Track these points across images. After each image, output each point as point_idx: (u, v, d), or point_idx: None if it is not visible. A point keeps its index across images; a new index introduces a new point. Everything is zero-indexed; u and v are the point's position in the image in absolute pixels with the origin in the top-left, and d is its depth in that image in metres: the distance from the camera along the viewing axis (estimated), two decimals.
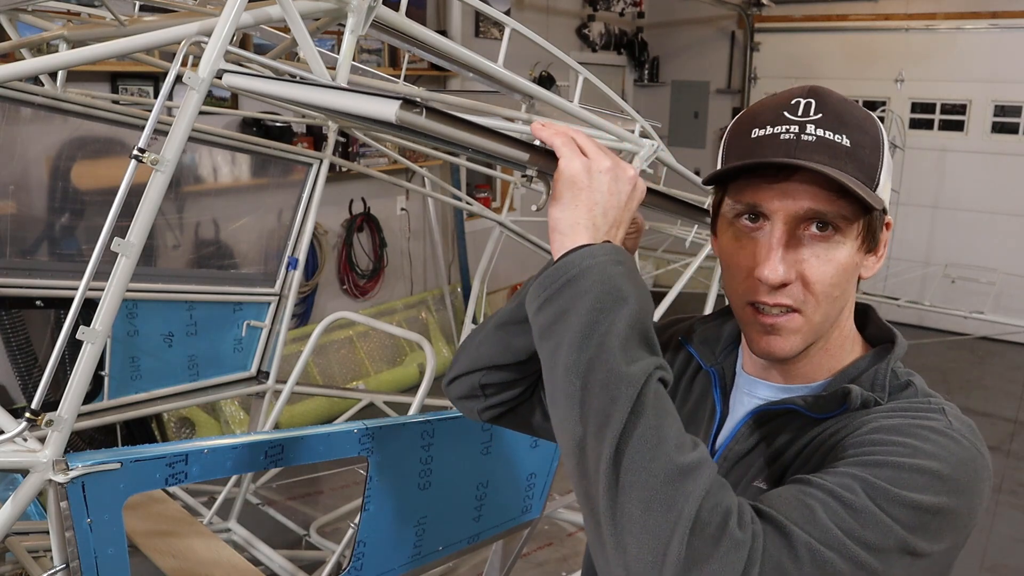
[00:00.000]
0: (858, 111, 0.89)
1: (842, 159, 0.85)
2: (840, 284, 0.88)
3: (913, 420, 0.85)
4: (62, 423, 1.12)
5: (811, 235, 0.87)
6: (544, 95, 2.00)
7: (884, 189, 0.89)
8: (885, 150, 0.89)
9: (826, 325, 0.91)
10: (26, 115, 2.74)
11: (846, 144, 0.85)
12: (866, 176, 0.86)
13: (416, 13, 5.74)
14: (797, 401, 0.91)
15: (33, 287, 2.57)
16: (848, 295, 0.91)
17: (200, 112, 1.19)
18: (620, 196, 0.87)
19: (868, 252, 0.90)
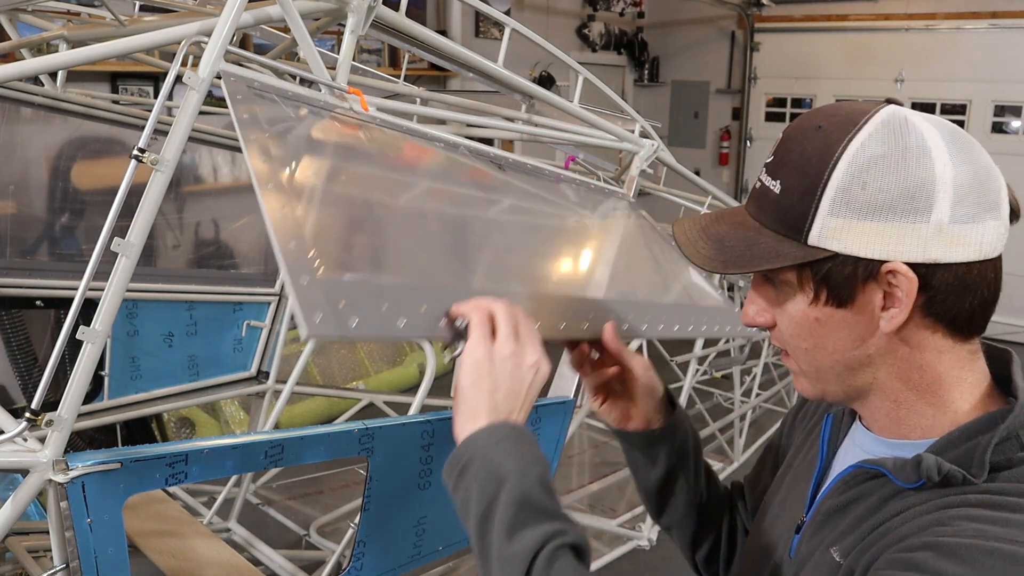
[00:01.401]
0: (812, 142, 0.79)
1: (767, 208, 0.82)
2: (805, 337, 0.83)
3: (984, 541, 0.70)
4: (62, 423, 1.12)
5: (768, 288, 0.86)
6: (544, 95, 2.00)
7: (839, 233, 0.77)
8: (830, 186, 0.76)
9: (835, 379, 0.85)
10: (26, 115, 2.74)
11: (775, 192, 0.81)
12: (785, 224, 0.80)
13: (416, 13, 5.74)
14: (887, 464, 0.82)
15: (33, 287, 2.57)
16: (847, 351, 0.82)
17: (200, 112, 1.18)
18: (522, 382, 0.88)
19: (837, 304, 0.80)
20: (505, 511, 0.80)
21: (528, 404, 0.90)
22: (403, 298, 0.98)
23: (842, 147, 0.77)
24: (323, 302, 0.89)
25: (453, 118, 1.89)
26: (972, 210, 0.76)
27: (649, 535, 3.36)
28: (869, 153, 0.76)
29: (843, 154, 0.76)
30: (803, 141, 0.80)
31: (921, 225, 0.75)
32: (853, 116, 0.79)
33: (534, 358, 0.89)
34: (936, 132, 0.78)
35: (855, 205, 0.76)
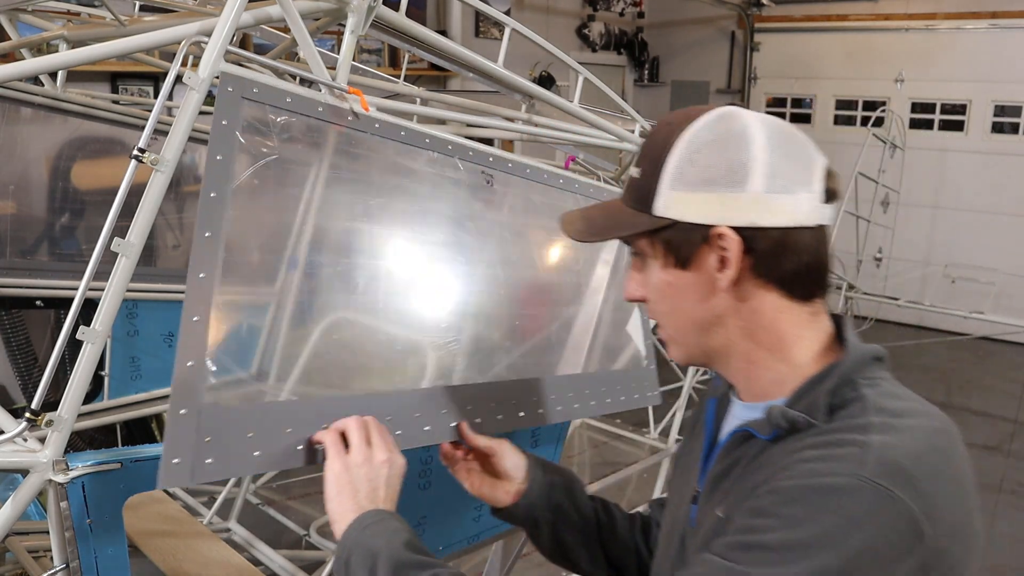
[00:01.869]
0: (659, 135, 0.95)
1: (629, 190, 0.97)
2: (663, 300, 0.97)
3: (812, 480, 0.81)
4: (62, 423, 1.12)
5: (637, 261, 1.00)
6: (544, 95, 2.00)
7: (679, 203, 0.91)
8: (668, 166, 0.92)
9: (690, 340, 0.98)
10: (26, 115, 2.74)
11: (636, 175, 0.97)
12: (639, 200, 0.95)
13: (416, 13, 5.74)
14: (752, 424, 0.93)
15: (33, 287, 2.57)
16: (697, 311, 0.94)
17: (200, 112, 1.18)
18: (377, 479, 1.07)
19: (684, 267, 0.93)
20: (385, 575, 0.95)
21: (391, 493, 1.08)
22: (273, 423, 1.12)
23: (679, 133, 0.92)
24: (189, 443, 1.03)
25: (453, 118, 1.89)
26: (785, 183, 0.89)
27: None
28: (700, 138, 0.91)
29: (680, 139, 0.92)
30: (655, 135, 0.96)
31: (741, 194, 0.89)
32: (693, 113, 0.95)
33: (384, 456, 1.08)
34: (760, 124, 0.93)
35: (687, 179, 0.91)
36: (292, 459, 1.13)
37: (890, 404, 0.88)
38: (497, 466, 1.26)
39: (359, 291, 1.48)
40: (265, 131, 1.27)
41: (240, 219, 1.23)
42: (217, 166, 1.17)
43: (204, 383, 1.08)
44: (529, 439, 1.78)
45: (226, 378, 1.14)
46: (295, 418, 1.15)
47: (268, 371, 1.25)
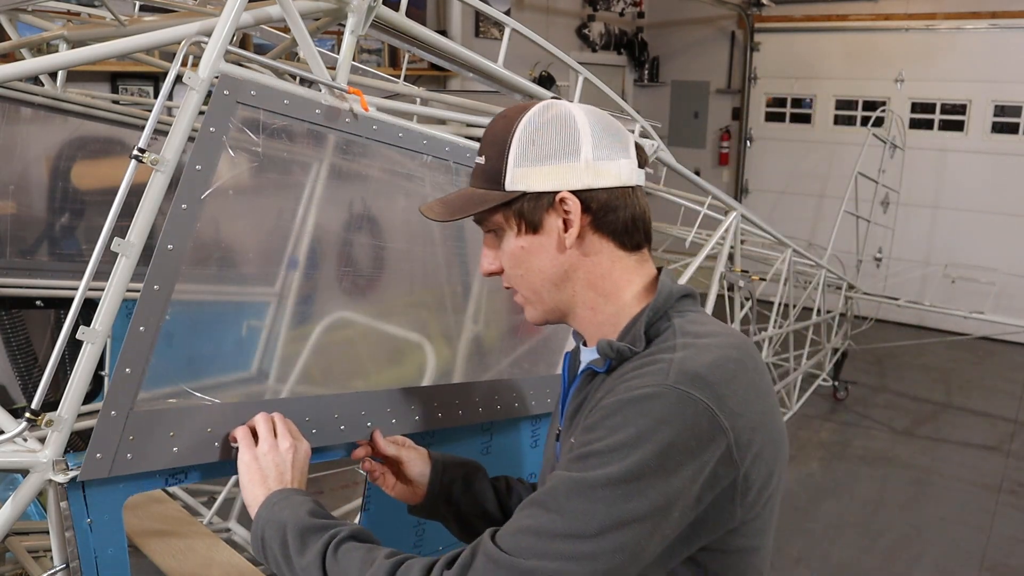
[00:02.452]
0: (497, 125, 1.11)
1: (478, 176, 1.12)
2: (517, 265, 1.12)
3: (627, 393, 0.98)
4: (62, 423, 1.12)
5: (490, 238, 1.14)
6: (544, 95, 2.00)
7: (525, 178, 1.07)
8: (511, 148, 1.08)
9: (546, 296, 1.13)
10: (26, 115, 2.74)
11: (481, 162, 1.11)
12: (490, 181, 1.10)
13: (416, 13, 5.74)
14: (593, 362, 1.11)
15: (33, 287, 2.57)
16: (547, 268, 1.10)
17: (200, 112, 1.18)
18: (284, 464, 1.19)
19: (535, 232, 1.09)
20: (294, 542, 1.07)
21: (298, 475, 1.21)
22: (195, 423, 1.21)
23: (516, 122, 1.09)
24: (113, 440, 1.12)
25: (453, 118, 1.90)
26: (608, 152, 1.08)
27: None
28: (535, 123, 1.08)
29: (518, 125, 1.08)
30: (494, 127, 1.11)
31: (575, 163, 1.07)
32: (523, 106, 1.11)
33: (288, 443, 1.21)
34: (580, 109, 1.11)
35: (530, 156, 1.08)
36: (208, 454, 1.23)
37: (693, 328, 1.06)
38: (406, 473, 1.40)
39: (321, 300, 1.56)
40: (255, 138, 1.28)
41: (207, 230, 1.26)
42: (195, 176, 1.19)
43: (137, 390, 1.16)
44: (530, 439, 1.78)
45: (161, 389, 1.21)
46: (215, 419, 1.24)
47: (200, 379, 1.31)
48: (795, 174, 8.02)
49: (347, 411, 1.40)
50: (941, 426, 5.43)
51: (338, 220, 1.52)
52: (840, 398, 5.77)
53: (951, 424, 5.45)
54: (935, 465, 4.80)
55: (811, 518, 4.15)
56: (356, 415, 1.41)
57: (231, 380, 1.45)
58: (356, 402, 1.43)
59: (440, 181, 1.58)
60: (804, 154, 7.95)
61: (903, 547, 3.91)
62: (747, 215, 3.28)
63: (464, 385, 1.67)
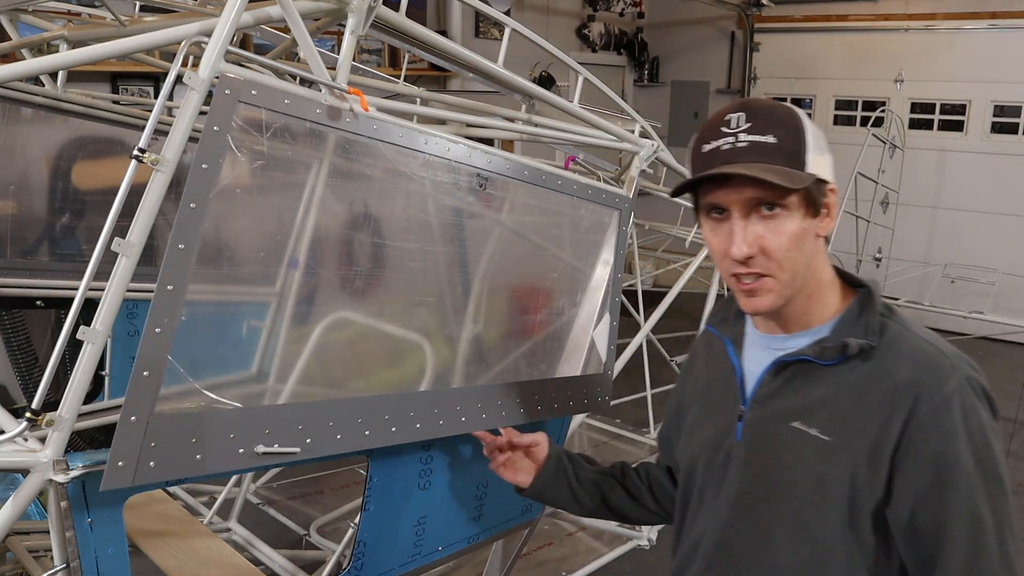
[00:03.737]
0: (779, 110, 1.15)
1: (770, 154, 1.11)
2: (795, 247, 1.13)
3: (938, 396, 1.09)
4: (62, 423, 1.12)
5: (762, 216, 1.12)
6: (544, 95, 2.00)
7: (816, 164, 1.12)
8: (807, 133, 1.12)
9: (796, 281, 1.15)
10: (26, 115, 2.74)
11: (772, 141, 1.11)
12: (792, 161, 1.11)
13: (416, 13, 5.74)
14: (807, 352, 1.16)
15: (33, 287, 2.57)
16: (809, 252, 1.14)
17: (200, 112, 1.18)
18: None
19: (815, 216, 1.13)
20: None
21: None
22: (218, 429, 1.18)
23: (794, 110, 1.15)
24: (135, 447, 1.08)
25: (453, 118, 1.89)
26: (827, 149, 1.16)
27: (649, 535, 3.36)
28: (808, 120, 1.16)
29: (800, 113, 1.15)
30: (775, 109, 1.15)
31: (830, 157, 1.16)
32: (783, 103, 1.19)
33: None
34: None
35: (818, 145, 1.13)
36: (233, 462, 1.19)
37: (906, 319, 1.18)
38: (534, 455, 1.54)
39: (336, 301, 1.55)
40: (259, 137, 1.27)
41: (218, 228, 1.26)
42: (202, 176, 1.19)
43: (156, 393, 1.13)
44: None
45: (178, 388, 1.18)
46: (238, 425, 1.22)
47: (220, 382, 1.30)
48: None
49: (368, 412, 1.44)
50: None
51: (339, 219, 1.51)
52: None
53: None
54: None
55: None
56: (379, 418, 1.44)
57: (242, 380, 1.43)
58: (375, 405, 1.47)
59: (442, 180, 1.58)
60: None
61: None
62: None
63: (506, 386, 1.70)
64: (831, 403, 1.14)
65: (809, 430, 1.14)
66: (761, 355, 1.23)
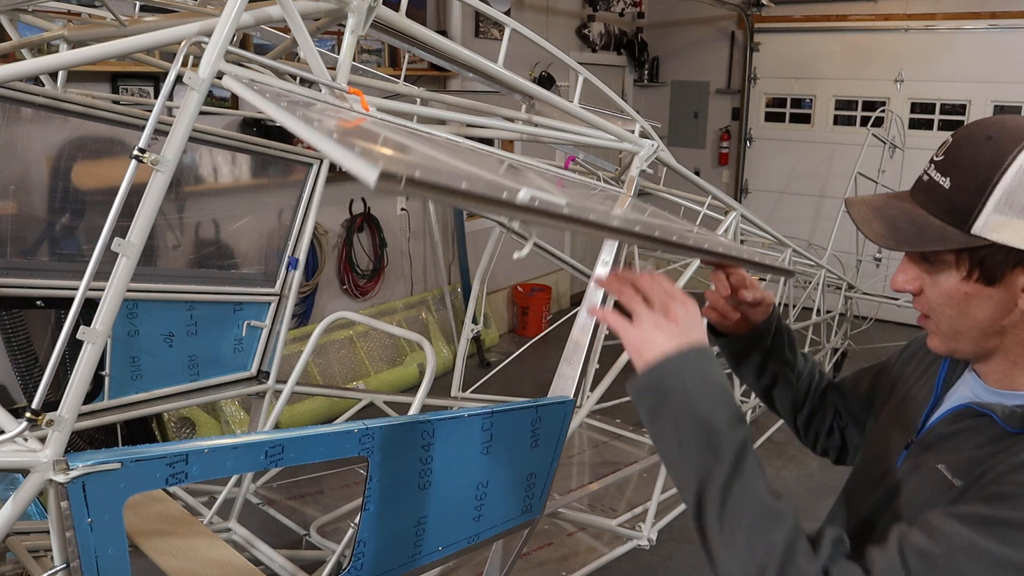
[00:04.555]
0: (988, 149, 0.95)
1: (935, 200, 0.99)
2: (950, 306, 1.01)
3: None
4: (63, 423, 1.12)
5: (919, 259, 1.03)
6: (544, 95, 2.00)
7: (996, 228, 0.93)
8: (998, 188, 0.93)
9: (965, 340, 1.03)
10: (26, 115, 2.74)
11: (945, 187, 0.98)
12: (954, 216, 0.97)
13: (416, 13, 5.74)
14: (996, 409, 1.01)
15: (33, 287, 2.57)
16: (981, 318, 1.00)
17: (200, 112, 1.18)
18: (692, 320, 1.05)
19: (986, 283, 0.97)
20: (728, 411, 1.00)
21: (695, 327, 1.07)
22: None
23: (1012, 157, 0.93)
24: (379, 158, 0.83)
25: (453, 118, 1.89)
26: None
27: (649, 535, 3.36)
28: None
29: (1012, 163, 0.92)
30: (975, 148, 0.96)
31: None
32: (1021, 130, 0.95)
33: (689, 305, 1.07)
34: None
35: (1017, 206, 0.92)
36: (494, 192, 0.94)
37: None
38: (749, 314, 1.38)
39: None
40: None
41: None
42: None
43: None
44: (530, 439, 1.78)
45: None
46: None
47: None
48: (795, 174, 8.02)
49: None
50: None
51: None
52: None
53: None
54: None
55: (811, 518, 4.13)
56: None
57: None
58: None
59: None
60: (804, 154, 7.95)
61: None
62: (747, 215, 3.28)
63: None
64: (985, 462, 0.99)
65: (946, 473, 1.03)
66: (961, 393, 1.11)
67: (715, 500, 0.95)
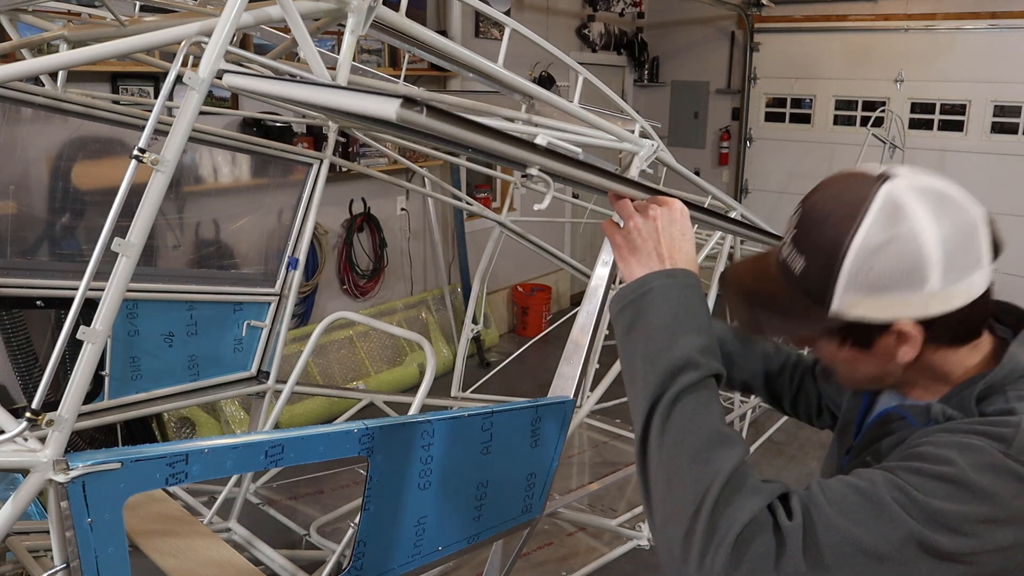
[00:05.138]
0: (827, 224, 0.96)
1: (794, 280, 1.00)
2: (838, 364, 1.07)
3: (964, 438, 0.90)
4: (63, 423, 1.12)
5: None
6: (544, 95, 2.00)
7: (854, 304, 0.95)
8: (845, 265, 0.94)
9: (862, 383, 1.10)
10: (26, 115, 2.74)
11: (801, 268, 0.99)
12: (810, 295, 0.98)
13: (416, 13, 5.74)
14: (909, 410, 1.06)
15: (33, 287, 2.57)
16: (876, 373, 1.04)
17: (200, 112, 1.18)
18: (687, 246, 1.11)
19: (858, 348, 1.01)
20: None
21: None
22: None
23: (849, 237, 0.93)
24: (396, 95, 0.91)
25: None
26: (959, 273, 0.94)
27: (649, 535, 3.36)
28: (871, 242, 0.92)
29: (851, 244, 0.93)
30: (818, 228, 0.97)
31: (919, 293, 0.93)
32: (857, 202, 0.95)
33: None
34: (925, 208, 0.93)
35: (864, 284, 0.94)
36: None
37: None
38: None
39: None
40: None
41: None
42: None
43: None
44: (530, 439, 1.78)
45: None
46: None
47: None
48: (795, 174, 8.02)
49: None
50: None
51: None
52: None
53: None
54: None
55: None
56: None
57: None
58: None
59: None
60: (804, 154, 7.95)
61: None
62: (747, 215, 3.28)
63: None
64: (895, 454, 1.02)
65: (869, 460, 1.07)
66: (886, 400, 1.15)
67: (662, 415, 0.94)
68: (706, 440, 0.91)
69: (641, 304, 1.03)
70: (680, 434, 0.93)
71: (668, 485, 0.91)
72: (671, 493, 0.91)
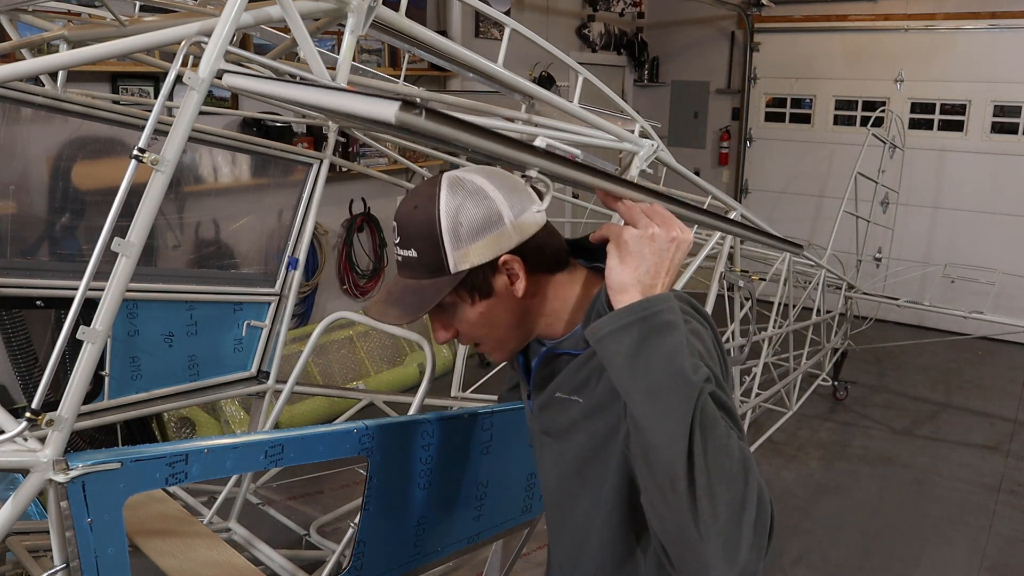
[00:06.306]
0: (418, 219, 1.19)
1: (415, 268, 1.22)
2: (481, 328, 1.26)
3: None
4: (62, 423, 1.12)
5: (438, 312, 1.26)
6: (544, 95, 2.00)
7: (464, 258, 1.18)
8: (445, 236, 1.17)
9: (513, 338, 1.30)
10: (26, 115, 2.74)
11: (413, 255, 1.21)
12: (432, 271, 1.20)
13: (416, 13, 5.74)
14: (564, 345, 1.30)
15: (33, 287, 2.57)
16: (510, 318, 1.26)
17: (200, 112, 1.18)
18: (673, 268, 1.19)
19: (486, 297, 1.22)
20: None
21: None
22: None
23: (435, 210, 1.18)
24: (395, 97, 0.94)
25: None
26: (521, 207, 1.21)
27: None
28: (452, 206, 1.18)
29: (439, 213, 1.17)
30: (413, 220, 1.20)
31: (502, 228, 1.19)
32: (428, 192, 1.20)
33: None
34: (476, 174, 1.21)
35: (464, 237, 1.18)
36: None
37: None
38: None
39: None
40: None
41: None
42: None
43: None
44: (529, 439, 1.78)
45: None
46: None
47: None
48: (795, 174, 8.03)
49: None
50: (940, 426, 5.43)
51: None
52: (840, 398, 5.77)
53: (950, 424, 5.46)
54: (935, 465, 4.80)
55: (810, 518, 4.15)
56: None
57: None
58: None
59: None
60: (804, 154, 7.95)
61: (903, 547, 3.91)
62: (747, 215, 3.28)
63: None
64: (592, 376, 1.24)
65: (569, 396, 1.28)
66: (537, 349, 1.37)
67: (706, 423, 1.02)
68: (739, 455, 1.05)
69: (658, 322, 1.07)
70: (718, 452, 1.03)
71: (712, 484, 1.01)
72: (719, 492, 1.02)
